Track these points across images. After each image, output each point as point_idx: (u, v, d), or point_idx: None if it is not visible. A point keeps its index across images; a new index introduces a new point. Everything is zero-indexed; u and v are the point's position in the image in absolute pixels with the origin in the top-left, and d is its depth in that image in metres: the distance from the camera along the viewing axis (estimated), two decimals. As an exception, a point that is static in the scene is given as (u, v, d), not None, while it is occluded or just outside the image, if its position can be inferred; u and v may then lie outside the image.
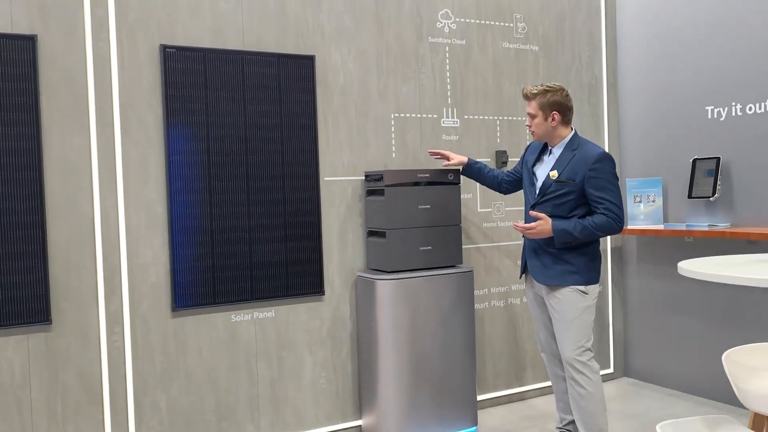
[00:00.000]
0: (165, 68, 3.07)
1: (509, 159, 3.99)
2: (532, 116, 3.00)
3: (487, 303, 3.96)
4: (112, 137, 2.99)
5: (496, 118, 3.96)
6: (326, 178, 3.47)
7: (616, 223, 2.90)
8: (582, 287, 2.96)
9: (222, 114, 3.19)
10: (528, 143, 3.97)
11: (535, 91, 2.98)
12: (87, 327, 2.94)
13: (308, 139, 3.40)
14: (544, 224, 2.92)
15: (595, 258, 3.03)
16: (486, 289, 3.95)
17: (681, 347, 4.07)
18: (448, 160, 3.39)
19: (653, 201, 4.12)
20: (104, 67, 2.97)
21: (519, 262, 4.06)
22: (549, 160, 3.06)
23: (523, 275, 3.21)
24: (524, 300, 4.08)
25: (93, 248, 2.95)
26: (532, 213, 2.95)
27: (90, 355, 2.95)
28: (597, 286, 3.02)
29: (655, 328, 4.25)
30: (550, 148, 3.07)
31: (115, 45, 2.99)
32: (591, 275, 3.00)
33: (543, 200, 3.00)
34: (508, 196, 4.03)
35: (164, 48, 3.07)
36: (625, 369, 4.46)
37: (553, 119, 2.98)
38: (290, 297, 3.36)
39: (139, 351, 3.05)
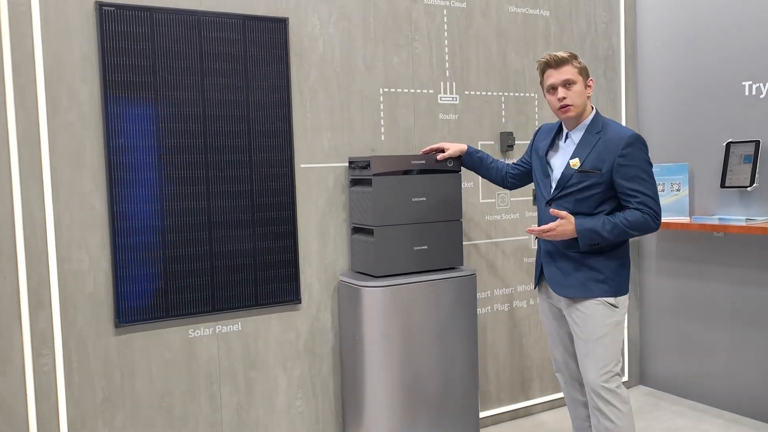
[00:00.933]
0: (102, 31, 2.50)
1: (516, 142, 3.46)
2: (570, 84, 2.44)
3: (489, 307, 3.45)
4: (35, 116, 2.42)
5: (501, 94, 3.43)
6: (303, 166, 2.93)
7: (652, 220, 2.39)
8: (611, 299, 2.46)
9: (175, 88, 2.63)
10: (537, 126, 3.44)
11: (567, 54, 2.46)
12: (8, 349, 2.40)
13: (281, 119, 2.85)
14: (567, 224, 2.41)
15: (626, 263, 2.53)
16: (488, 292, 3.44)
17: (707, 355, 3.60)
18: (443, 152, 2.89)
19: (677, 190, 3.62)
20: (24, 30, 2.40)
21: (531, 268, 3.56)
22: (566, 147, 2.53)
23: (539, 285, 2.70)
24: (530, 303, 3.58)
25: (13, 253, 2.40)
26: (554, 211, 2.43)
27: (12, 383, 2.42)
28: (627, 297, 2.52)
29: (676, 332, 3.77)
30: (566, 131, 2.55)
31: (38, 1, 2.42)
32: (621, 284, 2.50)
33: (562, 195, 2.49)
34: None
35: (100, 5, 2.49)
36: (640, 376, 3.99)
37: (589, 88, 2.49)
38: (260, 306, 2.84)
39: (74, 376, 2.52)
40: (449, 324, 2.93)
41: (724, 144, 3.40)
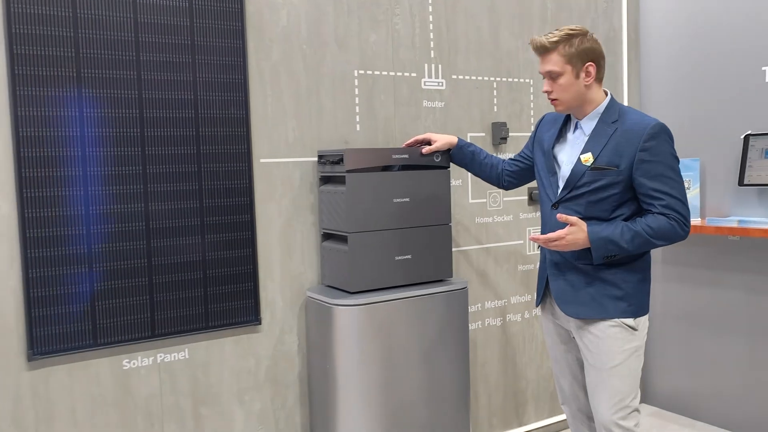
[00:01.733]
0: (7, -8, 2.00)
1: (510, 134, 3.03)
2: (555, 76, 2.03)
3: (480, 322, 3.02)
4: None
5: (492, 79, 2.99)
6: (263, 160, 2.46)
7: (680, 226, 1.98)
8: (630, 320, 2.05)
9: (103, 66, 2.15)
10: (533, 116, 3.02)
11: (555, 38, 2.00)
12: None
13: (236, 105, 2.38)
14: (578, 231, 1.99)
15: (647, 277, 2.12)
16: (479, 305, 3.02)
17: (720, 371, 3.22)
18: (429, 145, 2.45)
19: (688, 188, 3.23)
20: None
21: (526, 276, 3.13)
22: (576, 139, 2.11)
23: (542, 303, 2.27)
24: (525, 316, 3.17)
25: None
26: (561, 217, 2.00)
27: None
28: (647, 317, 2.12)
29: (685, 345, 3.38)
30: (576, 120, 2.12)
31: None
32: (643, 302, 2.09)
33: (571, 196, 2.07)
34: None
35: (4, -41, 2.00)
36: (644, 394, 3.60)
37: (587, 76, 2.03)
38: (211, 329, 2.37)
39: (-26, 423, 2.02)
40: (437, 346, 2.49)
41: (742, 137, 3.02)
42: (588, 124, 2.08)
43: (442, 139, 2.44)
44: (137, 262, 2.22)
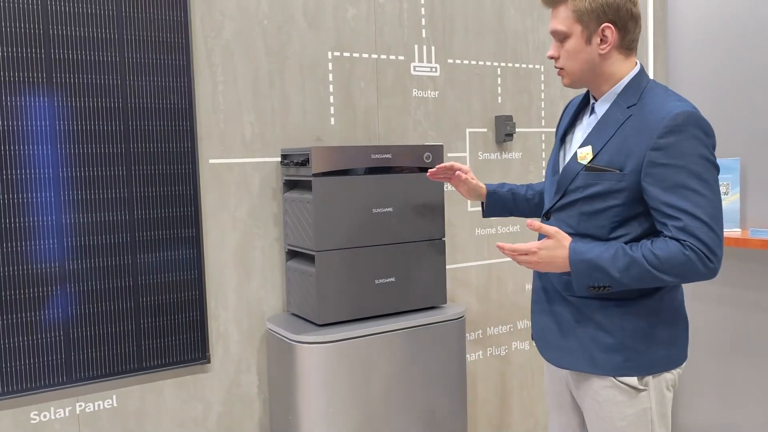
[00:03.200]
0: None
1: (516, 129, 2.56)
2: (561, 37, 1.53)
3: (481, 352, 2.56)
4: None
5: (496, 64, 2.53)
6: (212, 161, 2.00)
7: (700, 259, 1.40)
8: (629, 378, 1.52)
9: (5, 43, 1.69)
10: (542, 108, 2.57)
11: None
12: None
13: (176, 92, 1.92)
14: (556, 247, 1.49)
15: (667, 321, 1.54)
16: (479, 331, 2.55)
17: (757, 404, 2.75)
18: (465, 174, 1.86)
19: (726, 193, 2.75)
20: None
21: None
22: (588, 125, 1.59)
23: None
24: (533, 345, 2.69)
25: None
26: (533, 225, 1.51)
27: None
28: (674, 374, 1.56)
29: (718, 373, 2.91)
30: (593, 101, 1.60)
31: None
32: (652, 357, 1.52)
33: (562, 204, 1.57)
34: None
35: None
36: (672, 426, 3.12)
37: (602, 41, 1.50)
38: (146, 370, 1.91)
39: None
40: (427, 389, 2.03)
41: (793, 132, 2.55)
42: (602, 107, 1.56)
43: (471, 174, 1.87)
44: (50, 290, 1.77)
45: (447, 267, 2.36)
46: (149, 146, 1.88)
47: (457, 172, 1.85)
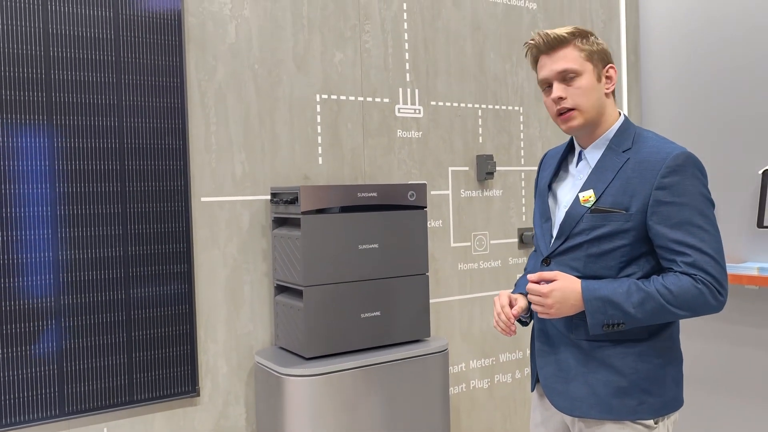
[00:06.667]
0: None
1: (497, 168, 2.67)
2: (570, 77, 1.55)
3: (464, 385, 2.62)
4: None
5: (477, 106, 2.64)
6: (204, 199, 2.07)
7: (711, 293, 1.46)
8: (647, 421, 1.55)
9: (8, 86, 1.77)
10: (522, 148, 2.67)
11: (569, 30, 1.57)
12: None
13: (171, 133, 2.00)
14: (564, 286, 1.51)
15: (674, 359, 1.60)
16: (462, 365, 2.61)
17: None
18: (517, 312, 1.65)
19: (698, 229, 2.86)
20: None
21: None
22: (579, 172, 1.64)
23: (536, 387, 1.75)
24: (517, 376, 2.76)
25: None
26: (533, 278, 1.53)
27: None
28: (677, 413, 1.61)
29: (695, 411, 2.98)
30: (580, 149, 1.65)
31: None
32: (667, 396, 1.57)
33: (566, 248, 1.58)
34: (497, 224, 2.73)
35: None
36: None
37: (608, 81, 1.58)
38: (136, 403, 1.95)
39: None
40: (411, 423, 2.08)
41: (760, 172, 2.67)
42: (593, 154, 1.61)
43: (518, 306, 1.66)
44: (43, 324, 1.82)
45: (431, 301, 2.43)
46: (144, 185, 1.95)
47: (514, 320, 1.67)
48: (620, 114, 1.63)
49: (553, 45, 1.56)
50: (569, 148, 1.70)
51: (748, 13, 2.73)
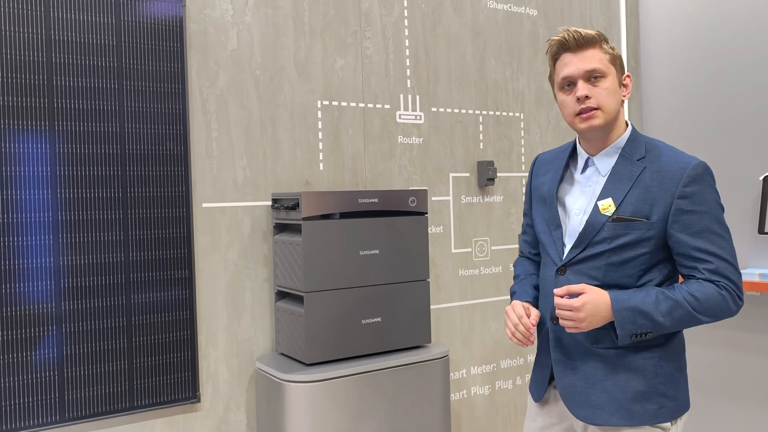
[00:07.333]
0: None
1: (497, 174, 2.67)
2: (597, 77, 1.55)
3: (465, 391, 2.62)
4: None
5: (478, 112, 2.64)
6: (205, 205, 2.08)
7: (732, 299, 1.50)
8: (665, 424, 1.56)
9: (7, 91, 1.77)
10: (524, 154, 2.67)
11: (594, 34, 1.57)
12: None
13: (172, 139, 2.00)
14: (594, 298, 1.49)
15: (683, 363, 1.63)
16: (463, 371, 2.61)
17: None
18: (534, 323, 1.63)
19: (699, 235, 2.86)
20: None
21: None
22: (588, 179, 1.63)
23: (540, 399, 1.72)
24: (518, 383, 2.76)
25: None
26: (560, 291, 1.51)
27: None
28: (687, 414, 1.63)
29: (695, 417, 2.98)
30: (588, 155, 1.64)
31: None
32: (681, 399, 1.59)
33: (585, 256, 1.57)
34: (498, 230, 2.73)
35: None
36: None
37: (625, 88, 1.61)
38: (137, 409, 1.95)
39: None
40: (412, 429, 2.08)
41: (761, 178, 2.68)
42: (604, 161, 1.60)
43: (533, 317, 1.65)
44: (44, 330, 1.82)
45: (431, 307, 2.43)
46: (145, 190, 1.96)
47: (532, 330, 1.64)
48: (627, 123, 1.64)
49: (583, 44, 1.56)
50: (571, 154, 1.68)
51: (748, 20, 2.74)
